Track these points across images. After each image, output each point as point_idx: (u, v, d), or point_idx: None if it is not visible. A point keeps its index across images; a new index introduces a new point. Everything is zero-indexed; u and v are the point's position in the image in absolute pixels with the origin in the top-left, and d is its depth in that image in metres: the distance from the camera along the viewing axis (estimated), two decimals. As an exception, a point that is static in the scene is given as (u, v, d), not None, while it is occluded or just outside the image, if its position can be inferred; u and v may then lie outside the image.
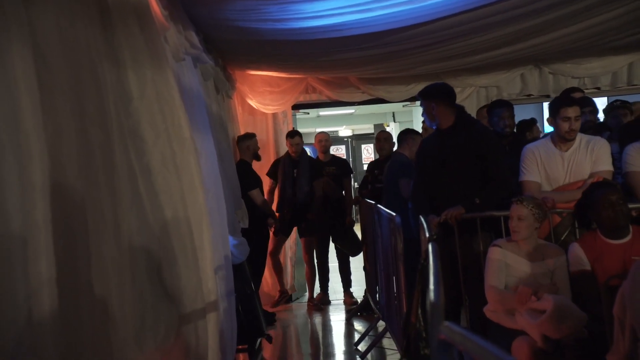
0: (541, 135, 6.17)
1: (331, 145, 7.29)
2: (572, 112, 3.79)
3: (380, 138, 6.56)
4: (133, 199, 2.48)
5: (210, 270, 2.95)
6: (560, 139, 3.87)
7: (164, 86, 2.66)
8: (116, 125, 2.40)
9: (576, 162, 3.86)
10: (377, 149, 6.60)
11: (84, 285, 2.02)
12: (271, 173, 6.85)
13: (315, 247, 6.95)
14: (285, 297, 6.99)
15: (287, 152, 6.81)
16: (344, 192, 6.97)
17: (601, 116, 5.78)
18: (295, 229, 6.97)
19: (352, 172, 7.32)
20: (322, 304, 6.89)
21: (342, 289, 7.02)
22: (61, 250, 1.84)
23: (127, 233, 2.38)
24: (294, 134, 6.78)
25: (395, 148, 6.36)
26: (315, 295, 7.02)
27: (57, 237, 1.81)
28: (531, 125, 5.70)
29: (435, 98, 4.13)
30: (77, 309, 1.96)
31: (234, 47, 5.39)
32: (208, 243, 2.95)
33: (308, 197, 6.71)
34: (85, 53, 2.18)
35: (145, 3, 2.66)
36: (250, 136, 6.36)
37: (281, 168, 6.70)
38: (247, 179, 5.92)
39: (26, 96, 1.72)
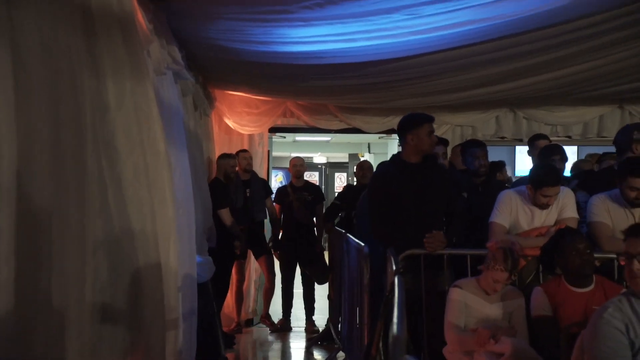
0: (513, 179, 6.28)
1: (305, 170, 7.29)
2: (553, 191, 3.81)
3: (364, 167, 6.63)
4: (101, 208, 2.44)
5: (174, 287, 2.91)
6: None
7: (143, 98, 2.64)
8: (91, 134, 2.38)
9: (546, 219, 3.92)
10: (359, 177, 6.59)
11: (43, 292, 1.97)
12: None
13: (282, 271, 6.90)
14: (240, 329, 6.87)
15: (237, 173, 6.60)
16: (314, 219, 6.96)
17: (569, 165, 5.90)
18: (249, 251, 6.85)
19: (324, 199, 7.31)
20: (282, 329, 6.82)
21: (304, 316, 6.96)
22: (23, 255, 1.80)
23: (92, 242, 2.34)
24: (245, 150, 6.87)
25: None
26: (274, 319, 6.95)
27: (20, 241, 1.77)
28: (500, 167, 5.82)
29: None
30: (34, 314, 1.91)
31: (216, 65, 5.39)
32: (174, 259, 2.91)
33: (262, 217, 6.75)
34: (66, 59, 2.16)
35: (130, 14, 2.65)
36: (232, 156, 6.36)
37: (233, 190, 6.48)
38: (219, 198, 5.88)
39: (1, 98, 1.70)
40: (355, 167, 7.05)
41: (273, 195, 7.10)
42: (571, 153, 7.24)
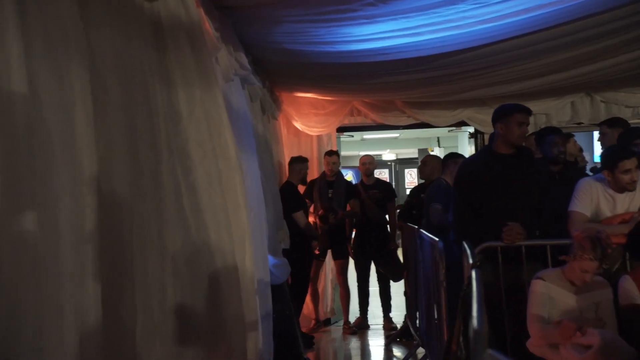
0: (587, 165, 6.01)
1: (375, 168, 7.23)
2: (631, 164, 3.68)
3: (427, 161, 6.45)
4: (178, 217, 2.51)
5: (252, 290, 2.96)
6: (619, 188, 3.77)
7: (212, 106, 2.70)
8: (165, 143, 2.45)
9: (630, 204, 3.76)
10: (427, 174, 6.48)
11: (127, 299, 2.05)
12: (307, 194, 6.80)
13: (357, 270, 6.91)
14: (320, 327, 6.92)
15: (323, 173, 6.79)
16: (387, 216, 6.93)
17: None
18: (329, 251, 6.89)
19: (395, 196, 7.23)
20: (360, 328, 6.83)
21: (381, 314, 6.94)
22: (107, 266, 1.87)
23: (171, 250, 2.41)
24: (332, 153, 6.80)
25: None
26: (352, 318, 6.97)
27: (104, 252, 1.85)
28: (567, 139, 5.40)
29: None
30: (119, 322, 1.99)
31: (282, 68, 5.45)
32: (250, 262, 2.96)
33: (342, 219, 6.69)
34: (139, 73, 2.24)
35: (198, 24, 2.72)
36: (303, 160, 6.43)
37: (316, 189, 6.64)
38: (292, 201, 5.94)
39: (81, 112, 1.78)
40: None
41: None
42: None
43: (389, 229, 6.91)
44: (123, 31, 2.12)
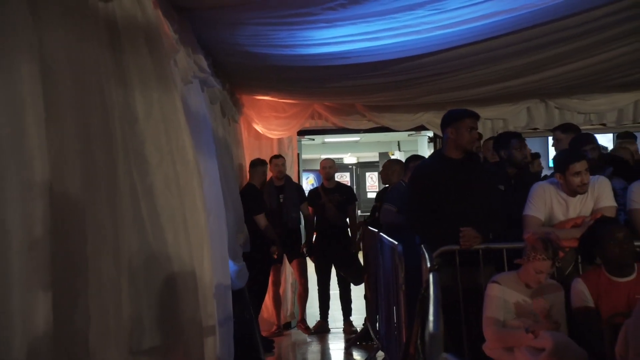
0: (542, 171, 6.14)
1: (336, 172, 7.26)
2: (581, 166, 3.76)
3: (387, 165, 6.55)
4: (135, 220, 2.47)
5: (210, 294, 2.93)
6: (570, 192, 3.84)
7: (170, 108, 2.67)
8: (121, 145, 2.41)
9: (581, 207, 3.84)
10: (387, 177, 6.53)
11: (81, 305, 2.00)
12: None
13: (317, 273, 6.91)
14: (281, 331, 6.89)
15: (271, 179, 6.72)
16: (348, 219, 6.95)
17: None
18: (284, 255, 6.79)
19: (356, 200, 7.28)
20: (320, 331, 6.83)
21: (342, 317, 6.95)
22: (59, 271, 1.83)
23: (127, 253, 2.37)
24: (278, 156, 6.79)
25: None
26: (306, 317, 6.96)
27: (56, 257, 1.81)
28: (534, 159, 5.68)
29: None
30: (72, 328, 1.94)
31: (242, 71, 5.43)
32: (208, 266, 2.93)
33: (297, 223, 6.69)
34: (93, 72, 2.19)
35: (155, 26, 2.68)
36: (264, 162, 6.44)
37: (266, 195, 6.49)
38: (253, 203, 5.92)
39: (31, 113, 1.73)
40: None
41: None
42: (607, 141, 7.10)
43: (349, 233, 6.92)
44: (77, 32, 2.07)
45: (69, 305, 1.93)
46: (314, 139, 11.40)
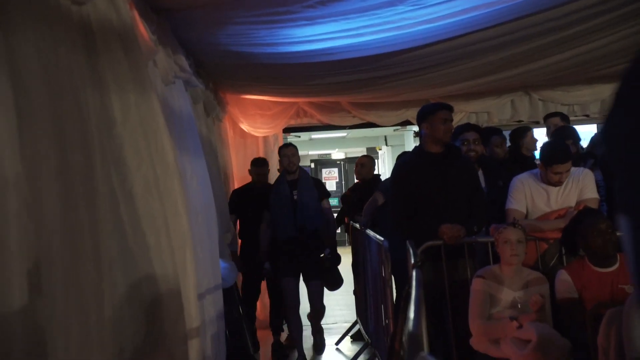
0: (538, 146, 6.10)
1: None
2: (564, 168, 3.78)
3: (361, 162, 6.48)
4: (114, 224, 2.45)
5: (194, 297, 2.92)
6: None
7: (148, 111, 2.64)
8: (99, 150, 2.38)
9: (563, 197, 3.87)
10: (361, 173, 6.43)
11: (61, 311, 1.99)
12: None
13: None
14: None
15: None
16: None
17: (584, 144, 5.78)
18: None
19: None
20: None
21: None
22: (36, 278, 1.81)
23: (108, 259, 2.35)
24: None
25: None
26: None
27: (32, 265, 1.79)
28: (523, 133, 5.37)
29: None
30: (53, 333, 1.92)
31: (225, 70, 5.40)
32: (191, 269, 2.92)
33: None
34: (68, 77, 2.17)
35: (131, 28, 2.66)
36: (262, 163, 6.32)
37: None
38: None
39: (2, 123, 1.70)
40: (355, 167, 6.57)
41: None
42: (590, 133, 7.12)
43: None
44: (49, 35, 2.05)
45: (48, 313, 1.91)
46: (300, 136, 11.40)
